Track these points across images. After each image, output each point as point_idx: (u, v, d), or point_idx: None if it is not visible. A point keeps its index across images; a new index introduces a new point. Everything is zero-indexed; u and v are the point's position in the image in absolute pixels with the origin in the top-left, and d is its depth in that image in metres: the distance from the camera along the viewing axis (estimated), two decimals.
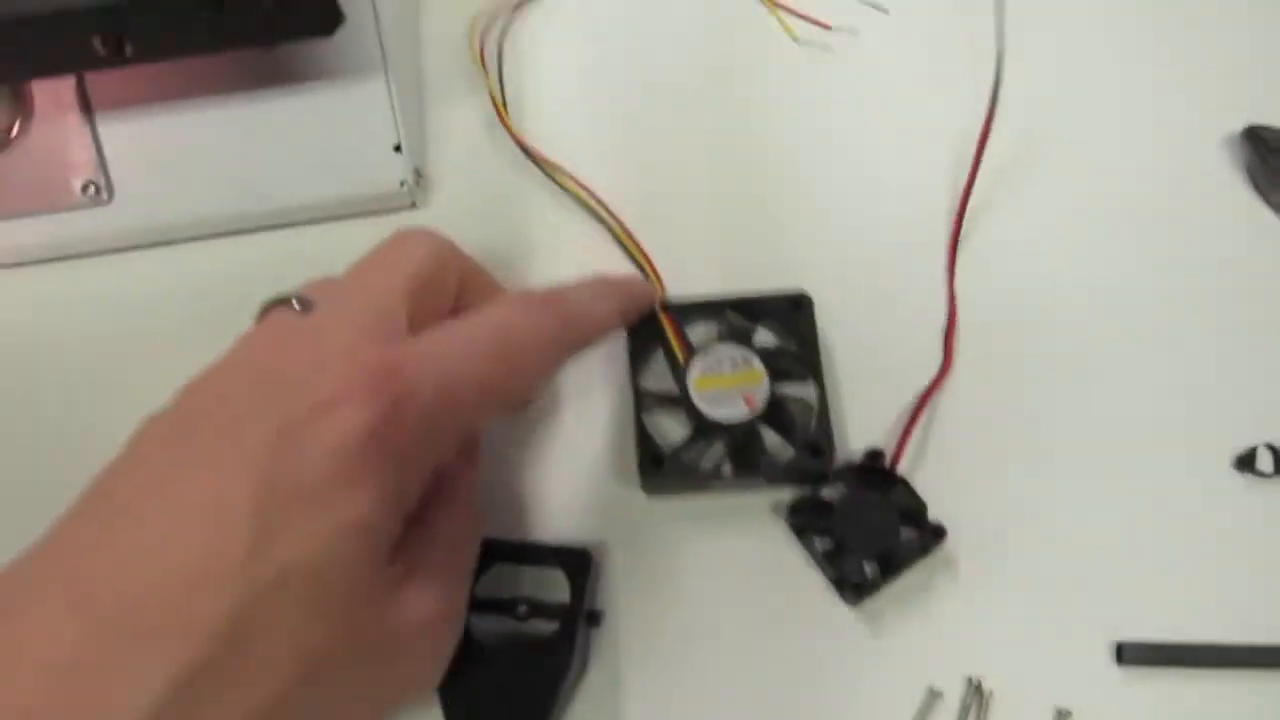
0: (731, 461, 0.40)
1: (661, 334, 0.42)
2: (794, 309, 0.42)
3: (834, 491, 0.40)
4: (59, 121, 0.45)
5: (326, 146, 0.46)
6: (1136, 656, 0.38)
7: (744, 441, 0.40)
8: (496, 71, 0.50)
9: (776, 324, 0.43)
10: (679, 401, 0.40)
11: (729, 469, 0.40)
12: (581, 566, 0.38)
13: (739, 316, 0.42)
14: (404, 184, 0.46)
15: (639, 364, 0.42)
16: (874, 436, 0.42)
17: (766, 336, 0.43)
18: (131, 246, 0.48)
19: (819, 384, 0.41)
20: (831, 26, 0.50)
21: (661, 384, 0.42)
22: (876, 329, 0.44)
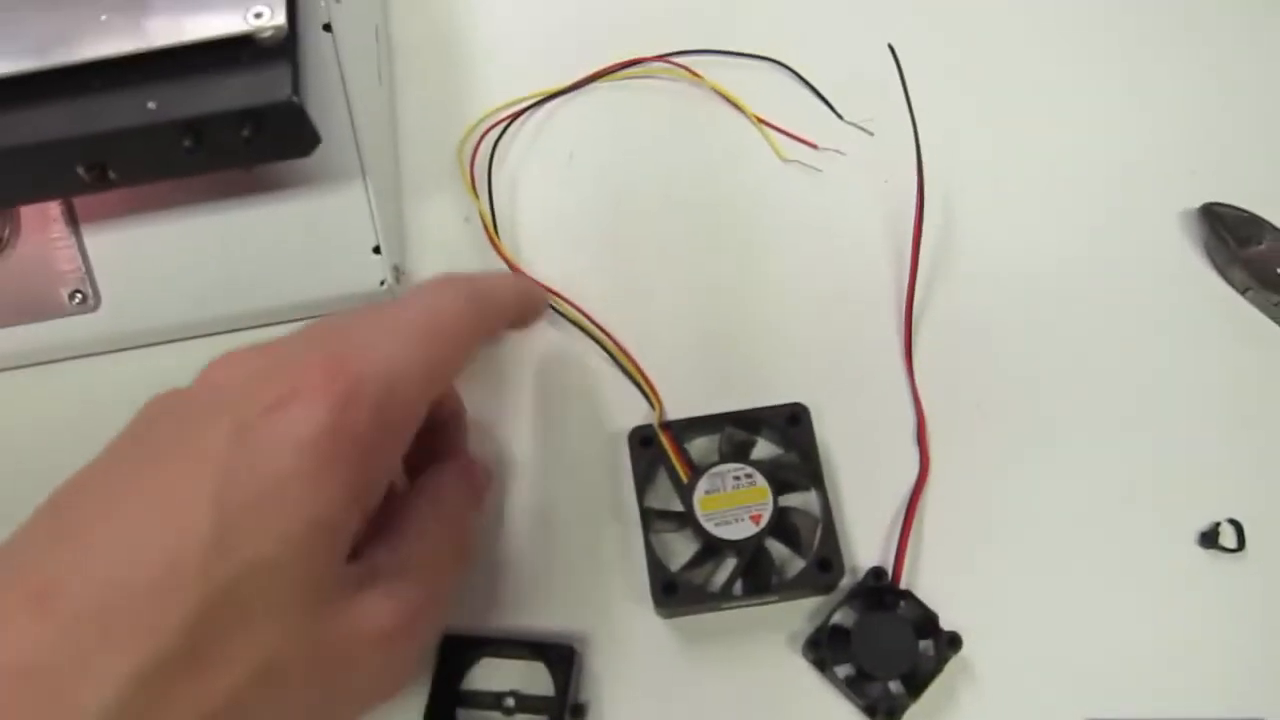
0: (742, 580, 0.40)
1: (664, 454, 0.42)
2: (792, 421, 0.43)
3: (845, 617, 0.40)
4: (46, 235, 0.46)
5: (307, 250, 0.47)
6: None
7: (753, 558, 0.40)
8: (486, 194, 0.51)
9: (775, 436, 0.44)
10: (685, 519, 0.41)
11: (740, 588, 0.40)
12: (564, 659, 0.40)
13: (738, 431, 0.43)
14: (384, 283, 0.47)
15: (644, 484, 0.42)
16: (870, 541, 0.43)
17: (766, 449, 0.44)
18: (119, 349, 0.48)
19: (822, 493, 0.42)
20: (818, 146, 0.51)
21: (666, 502, 0.42)
22: (860, 435, 0.45)
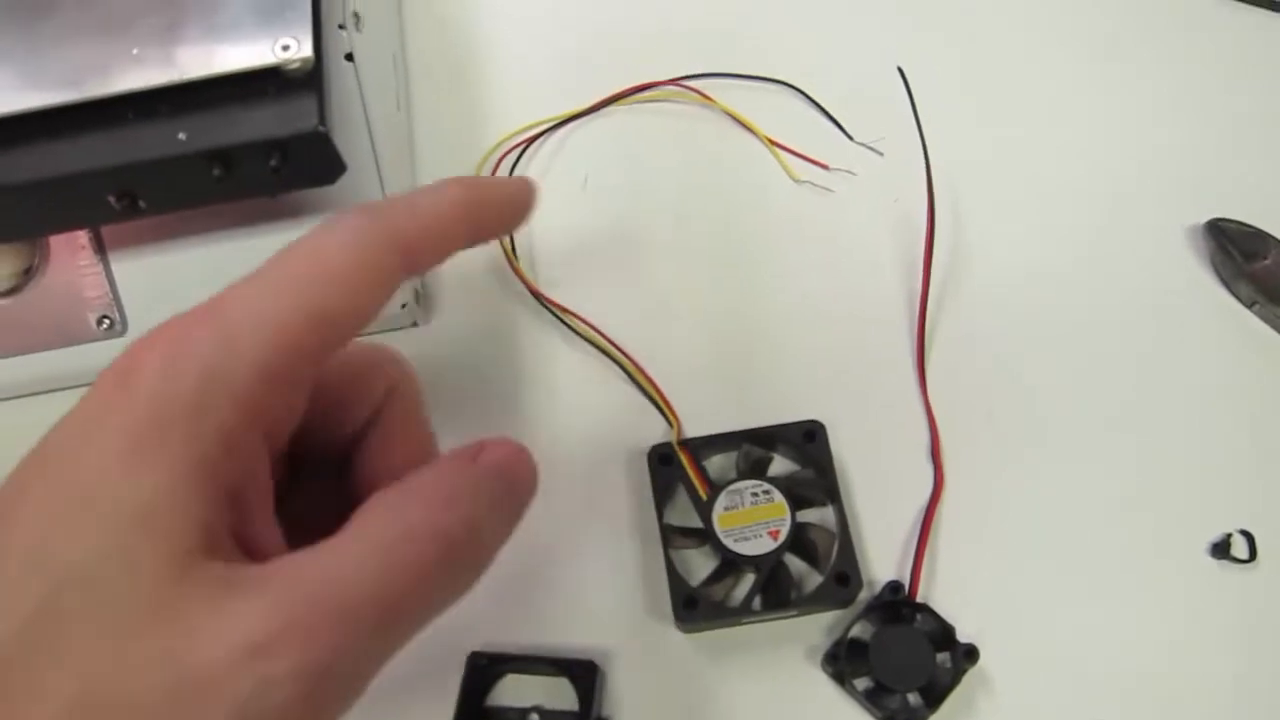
0: (761, 595, 0.41)
1: (682, 472, 0.43)
2: (808, 438, 0.44)
3: (863, 630, 0.41)
4: (74, 262, 0.47)
5: None
6: None
7: (772, 574, 0.41)
8: None
9: (792, 452, 0.44)
10: (705, 535, 0.42)
11: (760, 603, 0.41)
12: (587, 675, 0.40)
13: (755, 448, 0.44)
14: (404, 306, 0.48)
15: (663, 501, 0.43)
16: (886, 555, 0.43)
17: (784, 465, 0.45)
18: None
19: (839, 509, 0.42)
20: (830, 167, 0.52)
21: (686, 519, 0.43)
22: (875, 451, 0.45)
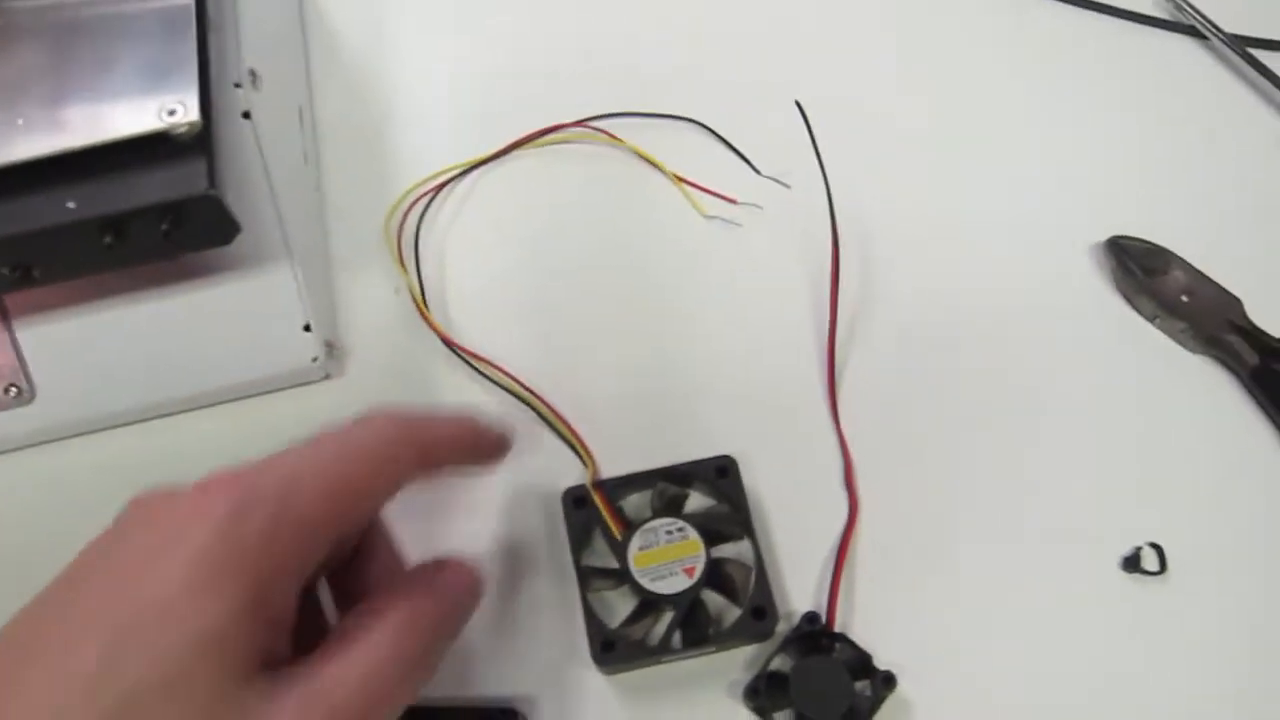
0: (680, 632, 0.41)
1: (597, 513, 0.43)
2: (720, 473, 0.44)
3: (783, 663, 0.41)
4: None
5: (238, 332, 0.48)
6: None
7: (689, 611, 0.41)
8: (414, 265, 0.52)
9: (706, 488, 0.45)
10: (622, 576, 0.42)
11: (679, 640, 0.41)
12: None
13: (670, 485, 0.44)
14: (315, 359, 0.48)
15: (580, 543, 0.43)
16: (804, 585, 0.44)
17: (698, 501, 0.45)
18: (54, 439, 0.49)
19: (754, 543, 0.42)
20: (738, 201, 0.53)
21: (605, 560, 0.43)
22: (790, 483, 0.46)
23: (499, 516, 0.46)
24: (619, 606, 0.43)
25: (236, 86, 0.44)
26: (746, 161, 0.54)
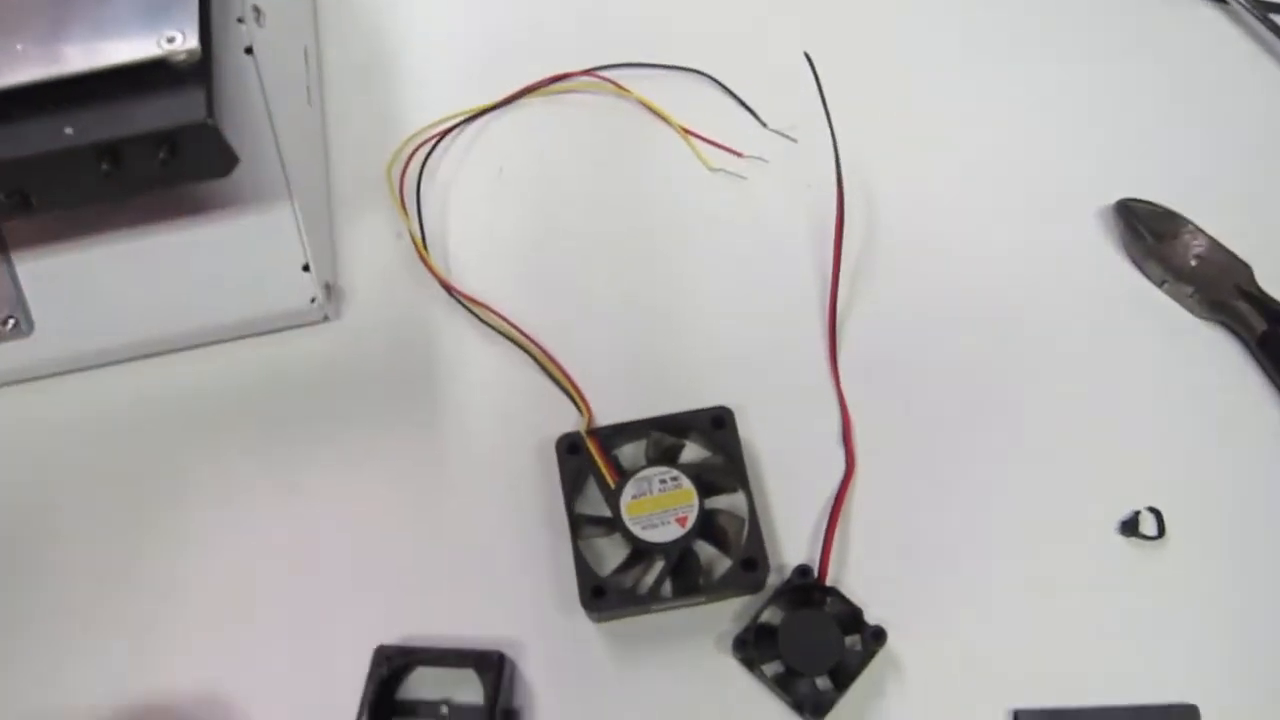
0: (671, 581, 0.41)
1: (591, 460, 0.43)
2: (716, 424, 0.43)
3: (773, 615, 0.41)
4: None
5: (237, 270, 0.48)
6: None
7: (680, 560, 0.41)
8: (415, 211, 0.52)
9: (702, 439, 0.44)
10: (614, 524, 0.42)
11: (669, 589, 0.41)
12: (492, 667, 0.40)
13: (665, 435, 0.44)
14: (314, 300, 0.48)
15: (573, 490, 0.43)
16: (797, 539, 0.43)
17: (694, 452, 0.44)
18: (53, 374, 0.49)
19: (748, 495, 0.42)
20: (743, 154, 0.52)
21: (598, 508, 0.43)
22: (788, 437, 0.46)
23: (493, 462, 0.46)
24: (610, 554, 0.43)
25: (240, 22, 0.44)
26: (754, 114, 0.53)
